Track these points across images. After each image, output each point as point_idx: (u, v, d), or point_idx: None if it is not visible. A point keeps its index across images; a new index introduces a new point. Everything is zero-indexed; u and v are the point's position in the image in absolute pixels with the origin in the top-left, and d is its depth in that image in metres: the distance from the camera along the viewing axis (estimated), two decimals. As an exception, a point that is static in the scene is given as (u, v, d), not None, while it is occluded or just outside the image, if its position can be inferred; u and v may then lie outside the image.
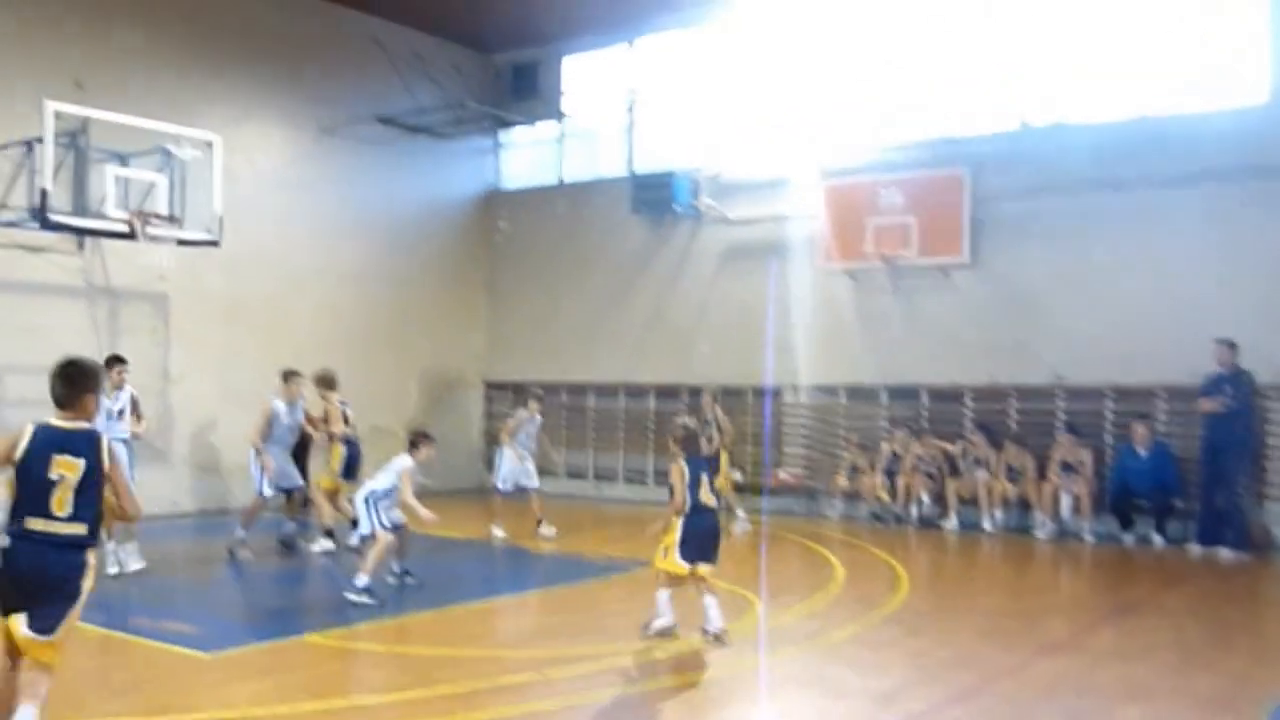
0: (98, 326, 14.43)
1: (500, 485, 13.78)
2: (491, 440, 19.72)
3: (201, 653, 7.50)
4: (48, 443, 5.03)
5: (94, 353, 13.84)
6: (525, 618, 9.44)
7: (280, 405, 12.25)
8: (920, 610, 9.49)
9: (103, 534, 5.79)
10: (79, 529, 5.00)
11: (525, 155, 20.51)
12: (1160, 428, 13.83)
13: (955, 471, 14.75)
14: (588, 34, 19.02)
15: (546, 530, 13.50)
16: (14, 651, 4.93)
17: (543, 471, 14.58)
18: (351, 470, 12.78)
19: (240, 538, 11.72)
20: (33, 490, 4.96)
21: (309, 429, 12.81)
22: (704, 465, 8.31)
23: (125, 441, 11.07)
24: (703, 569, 8.07)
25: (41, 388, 12.83)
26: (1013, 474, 14.27)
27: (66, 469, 4.98)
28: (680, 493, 8.02)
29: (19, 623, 4.87)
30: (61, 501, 4.96)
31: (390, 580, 10.00)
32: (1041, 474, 14.10)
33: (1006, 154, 15.12)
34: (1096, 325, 14.26)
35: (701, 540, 8.08)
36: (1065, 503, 13.83)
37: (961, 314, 15.34)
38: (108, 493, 5.08)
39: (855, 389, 16.27)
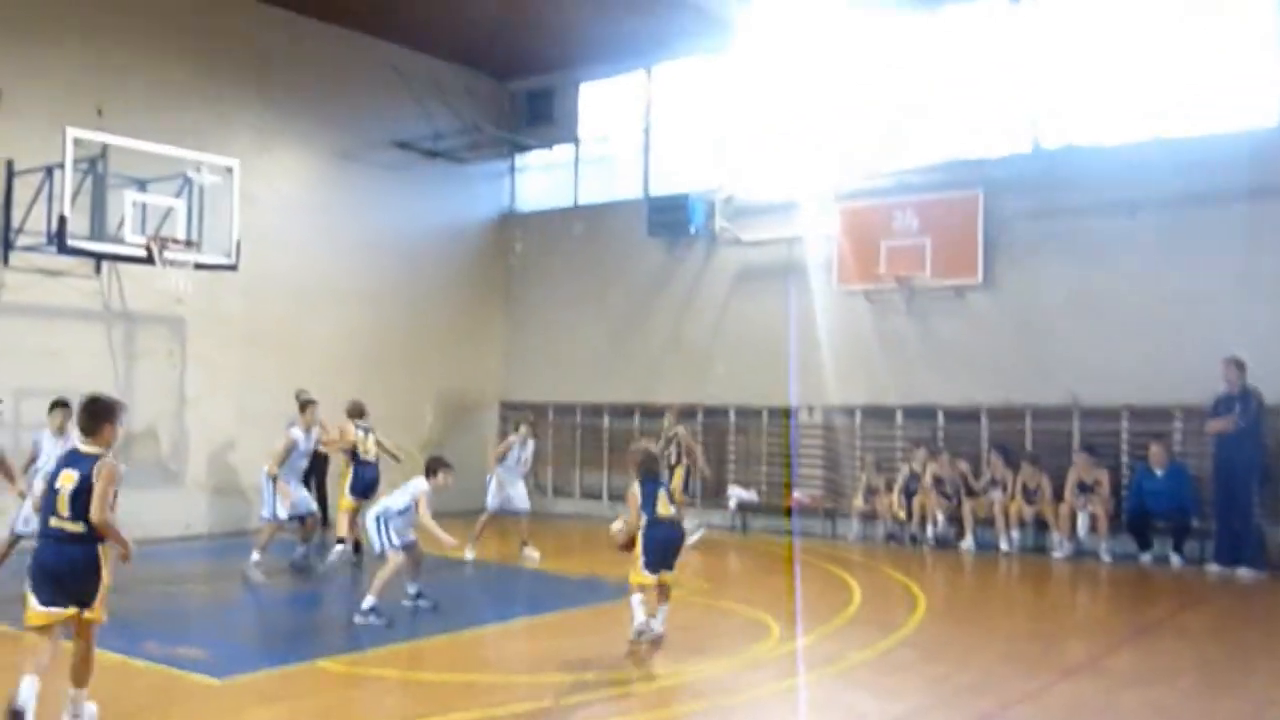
0: (114, 350, 14.52)
1: (490, 505, 13.70)
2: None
3: (212, 678, 7.45)
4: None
5: (110, 376, 14.23)
6: (540, 642, 9.38)
7: (299, 434, 12.35)
8: (938, 633, 9.43)
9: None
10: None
11: (541, 178, 20.58)
12: (1176, 447, 13.76)
13: (971, 492, 14.68)
14: (603, 62, 19.14)
15: (530, 553, 13.43)
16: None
17: (559, 492, 14.58)
18: (367, 491, 12.85)
19: (255, 560, 11.75)
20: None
21: (322, 448, 13.05)
22: (660, 483, 9.05)
23: None
24: (666, 576, 8.84)
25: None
26: (1029, 494, 14.21)
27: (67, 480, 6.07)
28: (634, 513, 8.80)
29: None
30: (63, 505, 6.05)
31: (404, 603, 9.96)
32: (1058, 494, 14.02)
33: (1020, 176, 15.13)
34: (1112, 345, 14.22)
35: (663, 550, 8.81)
36: (1082, 523, 13.76)
37: (977, 335, 15.32)
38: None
39: (871, 409, 16.24)
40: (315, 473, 15.79)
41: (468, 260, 19.82)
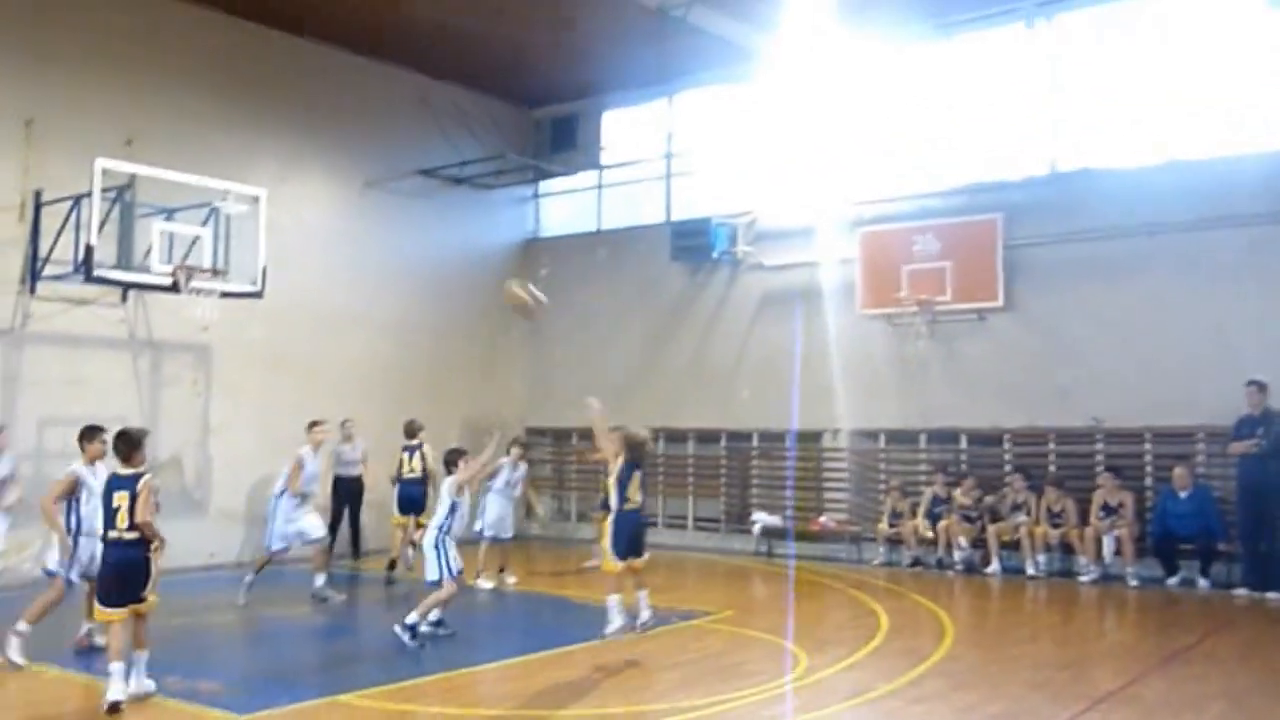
0: (140, 378, 14.58)
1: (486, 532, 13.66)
2: (531, 486, 19.76)
3: (234, 715, 7.40)
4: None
5: (136, 405, 14.30)
6: (566, 673, 9.29)
7: (307, 453, 12.55)
8: (966, 661, 9.36)
9: None
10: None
11: (565, 204, 20.68)
12: (1200, 470, 13.68)
13: (996, 516, 14.60)
14: (626, 89, 19.28)
15: (509, 578, 13.58)
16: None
17: (584, 518, 14.53)
18: (408, 508, 13.82)
19: (248, 581, 11.95)
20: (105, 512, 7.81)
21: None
22: (640, 469, 9.63)
23: None
24: (637, 563, 9.47)
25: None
26: (1054, 518, 14.12)
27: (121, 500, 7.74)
28: (611, 459, 9.58)
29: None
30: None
31: (423, 629, 9.89)
32: (1083, 517, 13.93)
33: (1039, 199, 15.16)
34: (1134, 368, 14.18)
35: (630, 537, 9.42)
36: (1108, 546, 13.66)
37: (999, 358, 15.29)
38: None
39: (895, 433, 16.21)
40: (350, 498, 15.86)
41: (492, 286, 19.63)
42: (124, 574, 7.71)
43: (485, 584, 13.27)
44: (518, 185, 20.19)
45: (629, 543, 9.40)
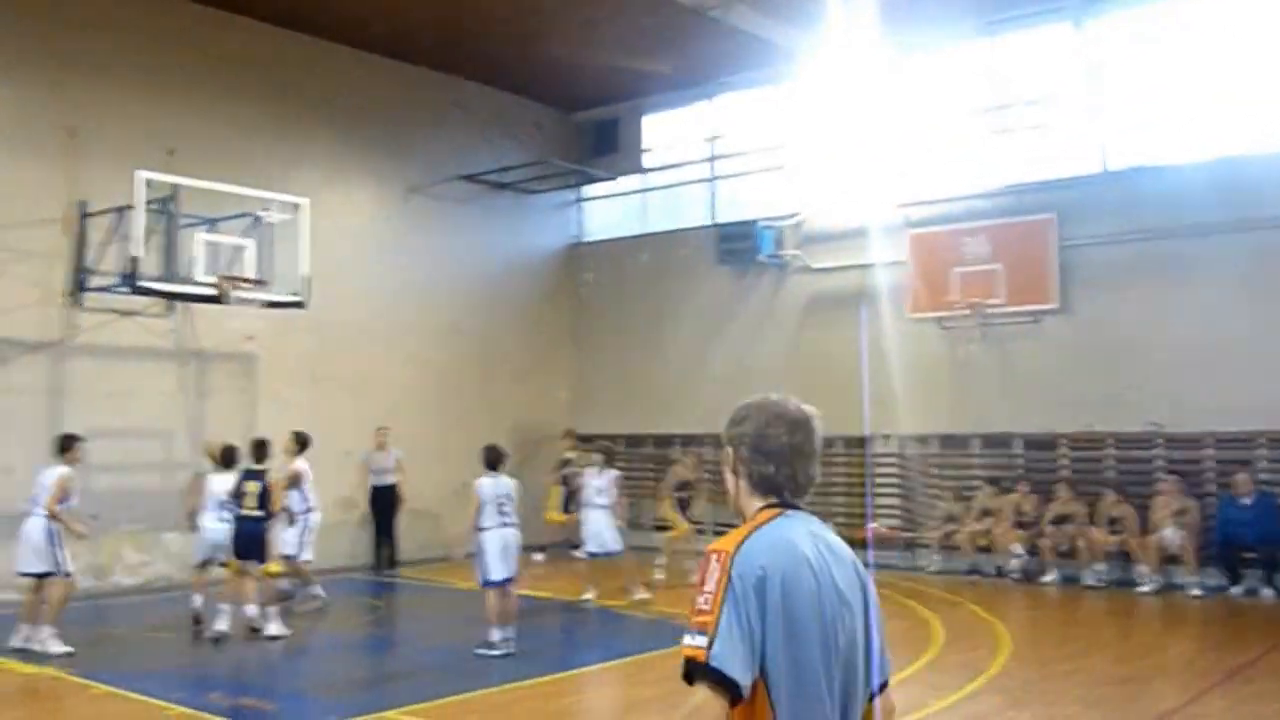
0: (186, 388, 14.60)
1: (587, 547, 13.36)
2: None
3: None
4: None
5: (183, 415, 14.33)
6: (615, 690, 9.15)
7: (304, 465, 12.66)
8: (1022, 676, 9.09)
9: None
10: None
11: (608, 207, 20.54)
12: (1262, 475, 13.26)
13: (1055, 523, 14.23)
14: (667, 91, 19.04)
15: (641, 594, 13.02)
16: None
17: (631, 525, 14.35)
18: None
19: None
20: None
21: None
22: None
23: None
24: None
25: (130, 449, 13.34)
26: (1113, 525, 13.74)
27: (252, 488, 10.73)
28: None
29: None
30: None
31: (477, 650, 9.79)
32: (1143, 525, 13.54)
33: (1093, 198, 14.78)
34: (1194, 371, 13.76)
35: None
36: (1169, 552, 13.26)
37: (1054, 361, 14.94)
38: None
39: (947, 438, 15.92)
40: (383, 507, 15.86)
41: (536, 291, 19.77)
42: (250, 541, 10.52)
43: (641, 594, 12.86)
44: (560, 190, 20.06)
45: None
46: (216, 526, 11.04)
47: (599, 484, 13.12)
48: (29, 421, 12.98)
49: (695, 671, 2.44)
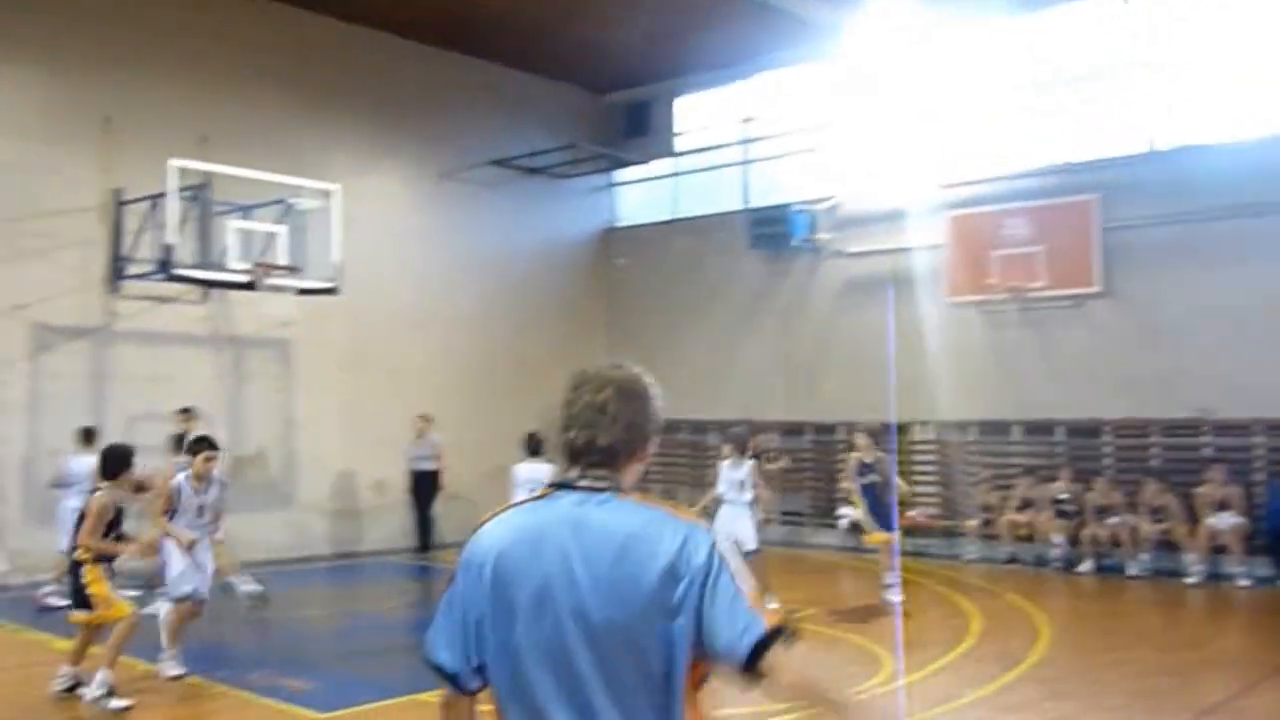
0: (222, 375, 14.73)
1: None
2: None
3: (316, 713, 7.40)
4: None
5: (220, 401, 14.41)
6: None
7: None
8: (1062, 667, 8.90)
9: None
10: None
11: (640, 192, 20.38)
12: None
13: (1097, 512, 13.97)
14: (701, 72, 18.79)
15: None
16: None
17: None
18: None
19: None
20: None
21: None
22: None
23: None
24: None
25: (167, 433, 13.19)
26: (1157, 514, 13.46)
27: None
28: None
29: None
30: None
31: None
32: (1188, 514, 13.26)
33: (1139, 178, 14.38)
34: (1242, 356, 13.41)
35: None
36: (1217, 542, 12.96)
37: (1097, 346, 14.63)
38: None
39: (987, 425, 15.66)
40: (425, 494, 15.86)
41: (568, 277, 19.68)
42: None
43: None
44: (592, 174, 19.90)
45: None
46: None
47: (736, 476, 11.37)
48: (73, 405, 13.16)
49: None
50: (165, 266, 12.71)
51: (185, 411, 12.67)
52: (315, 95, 15.98)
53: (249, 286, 13.15)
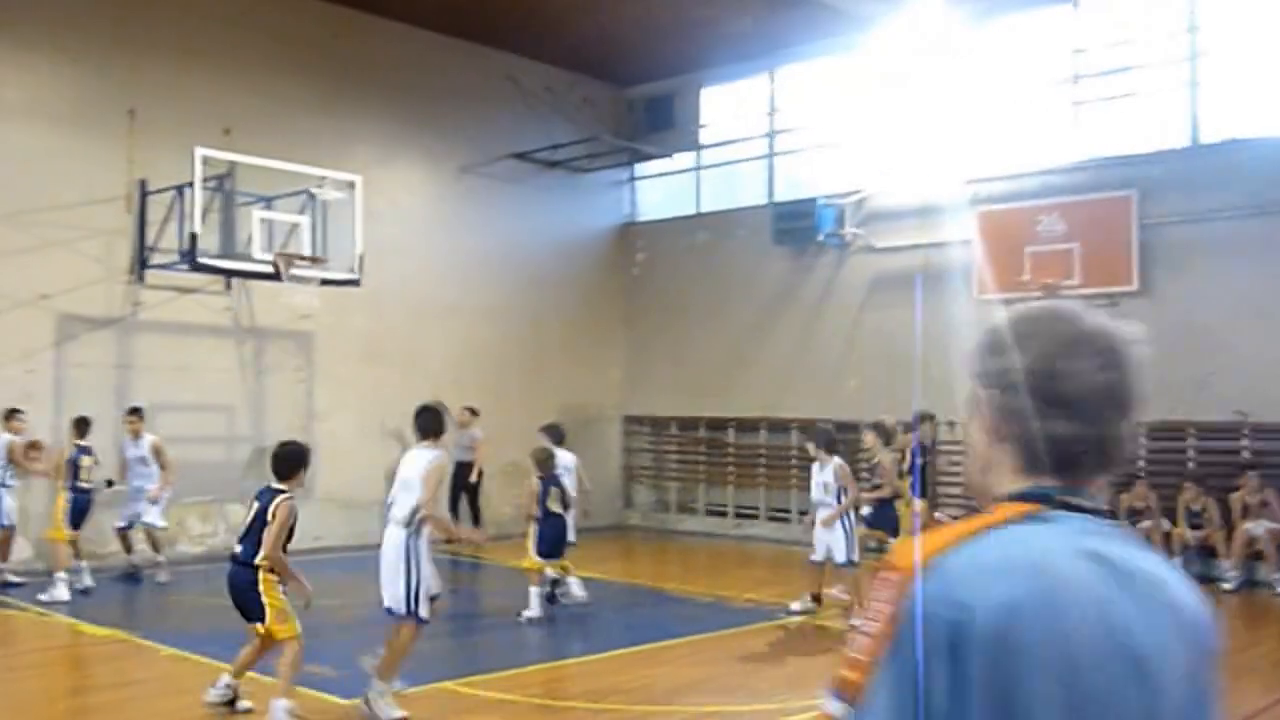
0: (244, 365, 14.79)
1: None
2: (630, 476, 19.48)
3: (340, 699, 7.34)
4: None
5: (241, 391, 14.37)
6: (667, 669, 8.99)
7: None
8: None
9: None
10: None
11: (662, 186, 20.20)
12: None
13: (1130, 515, 13.77)
14: (725, 64, 18.57)
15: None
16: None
17: (683, 508, 14.12)
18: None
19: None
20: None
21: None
22: (553, 483, 10.78)
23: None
24: (556, 565, 10.81)
25: (194, 422, 13.23)
26: (1193, 518, 13.24)
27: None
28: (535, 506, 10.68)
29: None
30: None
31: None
32: (1225, 518, 13.03)
33: (1178, 174, 14.13)
34: (1282, 355, 13.21)
35: (552, 541, 10.63)
36: (1255, 548, 12.78)
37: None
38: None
39: (1015, 425, 15.42)
40: (457, 483, 15.62)
41: (588, 271, 19.57)
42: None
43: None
44: (613, 168, 19.75)
45: (550, 546, 10.70)
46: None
47: (823, 479, 10.97)
48: (97, 394, 13.35)
49: None
50: (190, 256, 12.70)
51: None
52: (338, 86, 15.94)
53: (273, 277, 13.11)
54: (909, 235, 16.36)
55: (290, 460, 7.38)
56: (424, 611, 7.26)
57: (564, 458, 11.48)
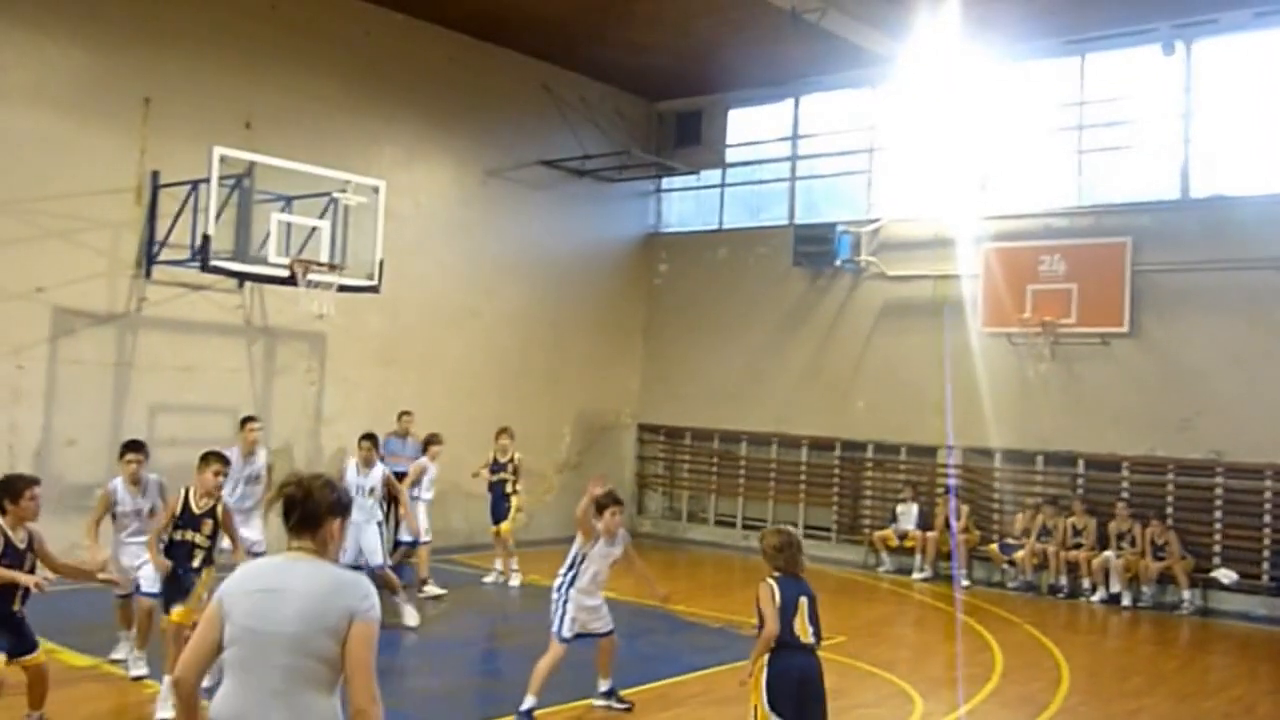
0: (253, 365, 14.32)
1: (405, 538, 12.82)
2: (643, 483, 19.67)
3: None
4: None
5: (249, 392, 14.14)
6: (684, 712, 8.65)
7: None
8: (1084, 715, 8.92)
9: None
10: None
11: (686, 199, 20.39)
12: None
13: (1105, 545, 14.33)
14: (752, 87, 18.81)
15: (431, 589, 12.67)
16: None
17: (693, 518, 14.23)
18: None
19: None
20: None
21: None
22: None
23: None
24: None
25: (197, 424, 12.79)
26: (1157, 551, 13.93)
27: None
28: None
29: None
30: None
31: (595, 703, 8.50)
32: (1187, 549, 13.88)
33: (1170, 225, 14.73)
34: (1259, 403, 13.80)
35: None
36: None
37: (1120, 384, 14.91)
38: None
39: (1011, 453, 15.77)
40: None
41: (610, 279, 19.58)
42: None
43: None
44: (639, 179, 19.79)
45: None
46: None
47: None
48: (96, 393, 12.87)
49: None
50: (201, 254, 12.00)
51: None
52: (363, 85, 15.58)
53: (288, 281, 12.47)
54: (920, 266, 16.68)
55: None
56: None
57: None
